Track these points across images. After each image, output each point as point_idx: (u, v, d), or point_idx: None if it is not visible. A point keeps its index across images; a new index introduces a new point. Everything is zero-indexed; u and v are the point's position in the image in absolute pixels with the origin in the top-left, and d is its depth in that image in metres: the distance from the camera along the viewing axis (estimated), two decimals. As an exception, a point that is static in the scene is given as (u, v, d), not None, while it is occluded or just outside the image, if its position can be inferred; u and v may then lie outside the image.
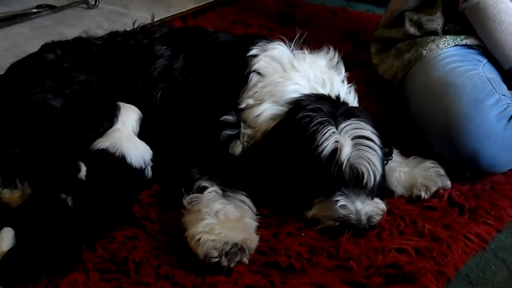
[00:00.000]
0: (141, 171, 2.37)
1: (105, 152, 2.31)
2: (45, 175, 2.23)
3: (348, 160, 2.19)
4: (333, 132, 2.21)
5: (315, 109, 2.27)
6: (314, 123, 2.23)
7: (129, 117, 2.43)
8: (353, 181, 2.22)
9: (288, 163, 2.26)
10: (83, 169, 2.23)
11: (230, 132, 2.39)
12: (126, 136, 2.39)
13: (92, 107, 2.43)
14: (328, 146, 2.20)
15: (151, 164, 2.41)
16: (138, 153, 2.36)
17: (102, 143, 2.33)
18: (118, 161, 2.30)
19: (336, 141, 2.20)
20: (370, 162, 2.21)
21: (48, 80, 2.47)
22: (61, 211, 2.10)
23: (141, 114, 2.47)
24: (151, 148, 2.43)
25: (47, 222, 2.06)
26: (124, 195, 2.29)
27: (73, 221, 2.09)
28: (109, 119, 2.39)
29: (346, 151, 2.19)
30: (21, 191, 2.27)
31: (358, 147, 2.21)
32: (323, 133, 2.21)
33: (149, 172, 2.42)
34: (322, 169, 2.20)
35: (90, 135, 2.36)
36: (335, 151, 2.19)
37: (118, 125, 2.40)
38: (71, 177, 2.20)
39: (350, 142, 2.21)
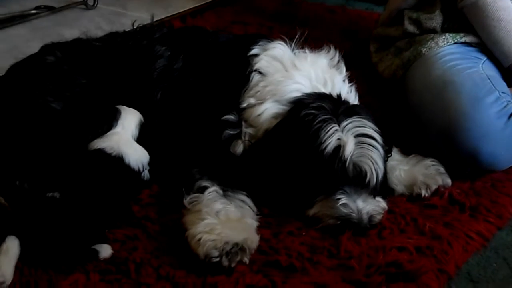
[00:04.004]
0: (137, 173, 2.36)
1: (101, 152, 2.30)
2: (39, 175, 2.23)
3: (351, 157, 2.19)
4: (336, 130, 2.21)
5: (318, 107, 2.26)
6: (317, 120, 2.23)
7: (129, 121, 2.41)
8: (356, 179, 2.21)
9: (290, 161, 2.25)
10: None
11: (231, 132, 2.39)
12: (124, 140, 2.37)
13: (93, 111, 2.43)
14: (331, 143, 2.19)
15: (148, 168, 2.40)
16: (136, 156, 2.35)
17: (99, 143, 2.32)
18: (114, 162, 2.29)
19: (338, 139, 2.20)
20: (373, 160, 2.21)
21: (49, 83, 2.47)
22: (53, 211, 2.09)
23: (142, 118, 2.45)
24: (152, 148, 2.42)
25: (44, 224, 2.07)
26: (119, 196, 2.28)
27: (65, 221, 2.08)
28: (109, 122, 2.38)
29: (349, 148, 2.18)
30: None
31: (361, 145, 2.21)
32: (326, 130, 2.20)
33: (146, 175, 2.41)
34: (325, 166, 2.19)
35: (87, 137, 2.35)
36: (338, 148, 2.19)
37: (118, 129, 2.38)
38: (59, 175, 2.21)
39: (353, 139, 2.20)
